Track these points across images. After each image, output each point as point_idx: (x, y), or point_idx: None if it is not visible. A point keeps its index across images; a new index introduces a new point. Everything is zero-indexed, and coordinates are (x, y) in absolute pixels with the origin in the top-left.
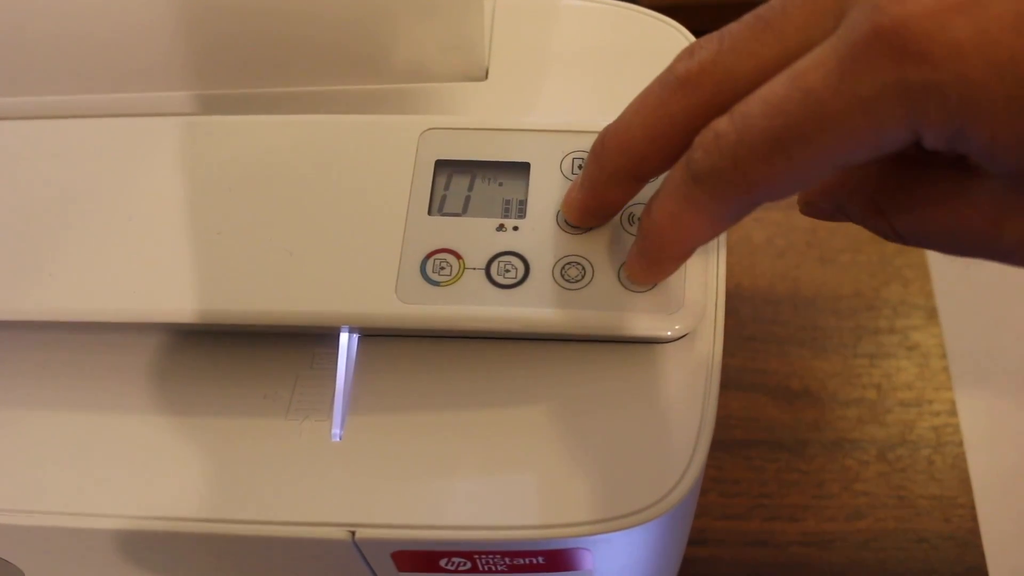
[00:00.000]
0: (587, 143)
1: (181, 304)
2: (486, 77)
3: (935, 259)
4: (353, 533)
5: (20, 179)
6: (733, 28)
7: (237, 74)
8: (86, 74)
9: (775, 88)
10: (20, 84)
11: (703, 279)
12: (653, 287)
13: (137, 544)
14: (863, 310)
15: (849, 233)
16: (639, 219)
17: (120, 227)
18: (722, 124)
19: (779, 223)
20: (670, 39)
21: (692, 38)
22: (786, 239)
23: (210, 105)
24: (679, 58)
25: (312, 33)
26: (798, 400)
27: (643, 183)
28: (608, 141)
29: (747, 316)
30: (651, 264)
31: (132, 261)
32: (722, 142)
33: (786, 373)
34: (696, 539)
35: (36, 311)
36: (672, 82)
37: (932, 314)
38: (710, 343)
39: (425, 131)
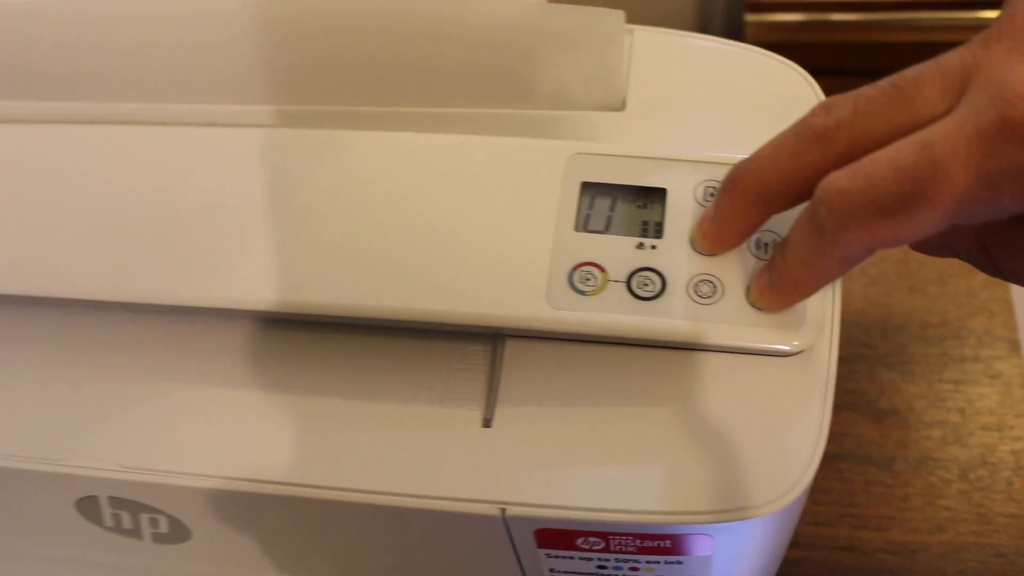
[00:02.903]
0: (717, 173)
1: (361, 300)
2: (623, 107)
3: (1019, 294)
4: (503, 510)
5: (214, 181)
6: (868, 92)
7: (391, 94)
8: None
9: (904, 154)
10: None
11: (822, 301)
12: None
13: (300, 509)
14: (949, 338)
15: (938, 266)
16: (772, 258)
17: (301, 228)
18: (844, 181)
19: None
20: (791, 81)
21: (812, 81)
22: (878, 269)
23: (362, 122)
24: (815, 113)
25: (466, 59)
26: (886, 419)
27: (768, 217)
28: (740, 179)
29: (841, 339)
30: (781, 297)
31: (316, 259)
32: (845, 198)
33: (876, 393)
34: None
35: (229, 299)
36: (808, 135)
37: (1015, 346)
38: (826, 358)
39: (572, 155)
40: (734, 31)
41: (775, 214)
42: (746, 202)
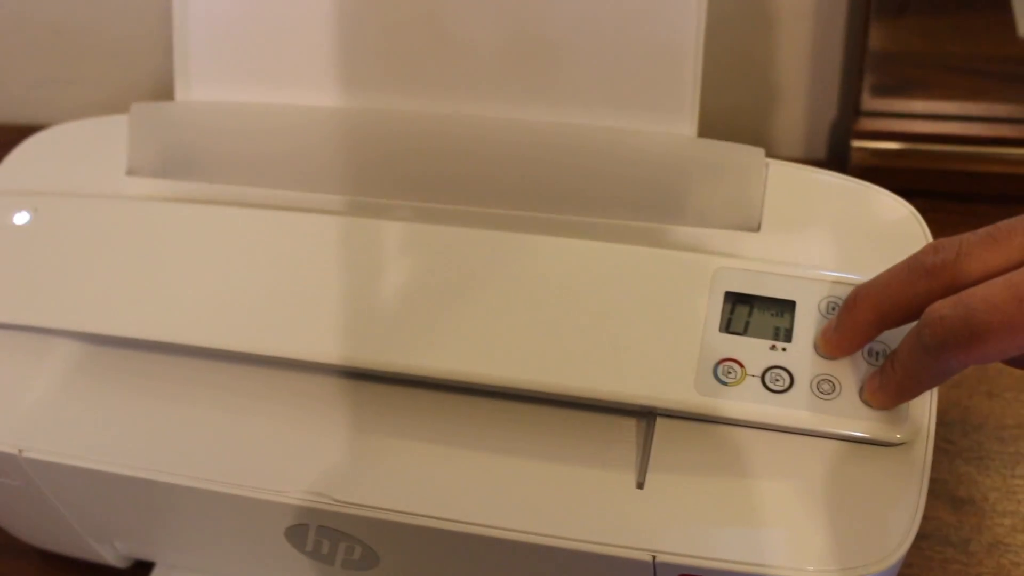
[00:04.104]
0: (838, 290)
1: (545, 377)
2: (759, 229)
3: None
4: (654, 557)
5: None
6: (970, 238)
7: (551, 201)
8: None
9: (995, 291)
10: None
11: (921, 403)
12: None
13: (478, 546)
14: (1023, 439)
15: (1014, 375)
16: (883, 366)
17: (500, 317)
18: (946, 309)
19: None
20: (902, 216)
21: (920, 217)
22: (961, 374)
23: (536, 226)
24: (926, 252)
25: (626, 177)
26: (963, 506)
27: (880, 332)
28: (861, 299)
29: None
30: (888, 398)
31: (510, 344)
32: (946, 324)
33: (955, 483)
34: None
35: (447, 371)
36: (919, 270)
37: None
38: (923, 450)
39: (718, 268)
40: (840, 155)
41: (886, 330)
42: (864, 318)
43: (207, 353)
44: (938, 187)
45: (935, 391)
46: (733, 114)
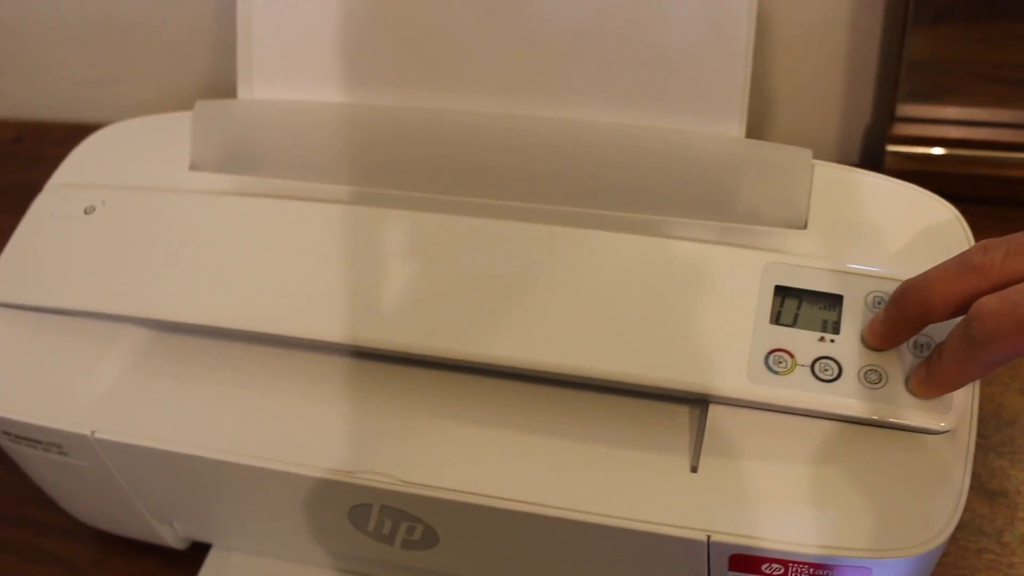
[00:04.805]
0: (883, 286)
1: (605, 365)
2: (805, 227)
3: None
4: (709, 536)
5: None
6: (1019, 238)
7: (608, 199)
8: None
9: None
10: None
11: (965, 393)
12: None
13: (536, 526)
14: None
15: None
16: (929, 357)
17: (569, 307)
18: (994, 304)
19: None
20: (942, 215)
21: (960, 216)
22: (994, 372)
23: (597, 222)
24: (976, 251)
25: (678, 177)
26: (997, 498)
27: (926, 325)
28: (910, 293)
29: None
30: (934, 388)
31: (574, 332)
32: (994, 318)
33: (988, 476)
34: None
35: (516, 359)
36: (969, 268)
37: None
38: (967, 437)
39: (768, 263)
40: (873, 160)
41: (932, 324)
42: (912, 312)
43: (270, 340)
44: (970, 192)
45: (977, 384)
46: (766, 119)
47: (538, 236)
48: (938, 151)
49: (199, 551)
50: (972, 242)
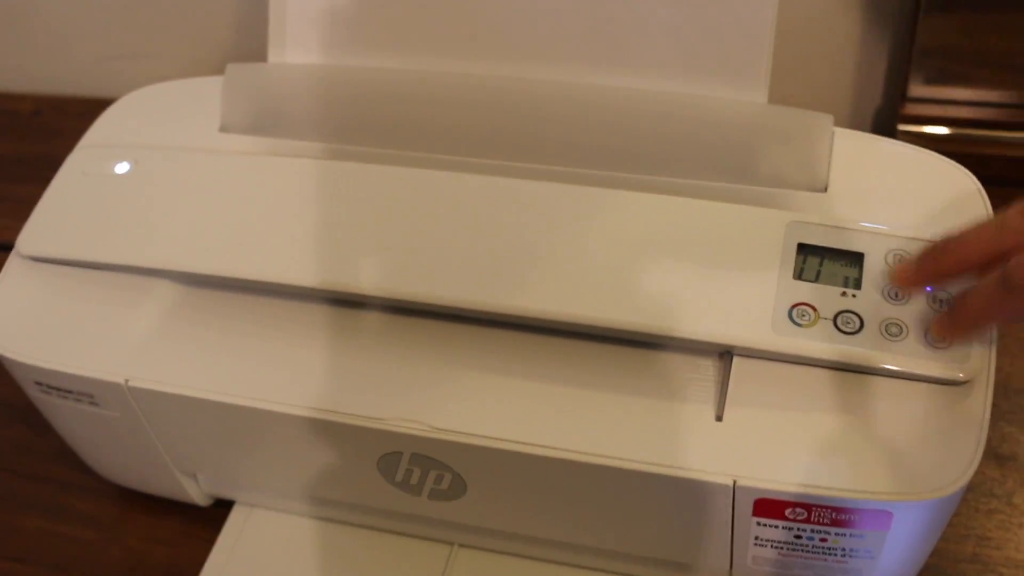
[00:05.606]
0: (902, 244)
1: (638, 318)
2: (826, 190)
3: None
4: (735, 481)
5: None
6: None
7: (635, 161)
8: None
9: None
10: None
11: (982, 347)
12: (951, 345)
13: (565, 471)
14: None
15: None
16: (953, 301)
17: (609, 264)
18: None
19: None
20: (958, 179)
21: (975, 179)
22: (1002, 342)
23: (614, 183)
24: (1012, 216)
25: (702, 141)
26: (1007, 462)
27: (958, 277)
28: (949, 248)
29: None
30: (961, 331)
31: (612, 288)
32: None
33: (999, 441)
34: None
35: (563, 313)
36: (1007, 228)
37: None
38: (984, 388)
39: (791, 222)
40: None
41: (964, 275)
42: (948, 264)
43: (298, 293)
44: (979, 171)
45: (994, 344)
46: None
47: (571, 197)
48: (947, 131)
49: (221, 511)
50: (989, 206)
